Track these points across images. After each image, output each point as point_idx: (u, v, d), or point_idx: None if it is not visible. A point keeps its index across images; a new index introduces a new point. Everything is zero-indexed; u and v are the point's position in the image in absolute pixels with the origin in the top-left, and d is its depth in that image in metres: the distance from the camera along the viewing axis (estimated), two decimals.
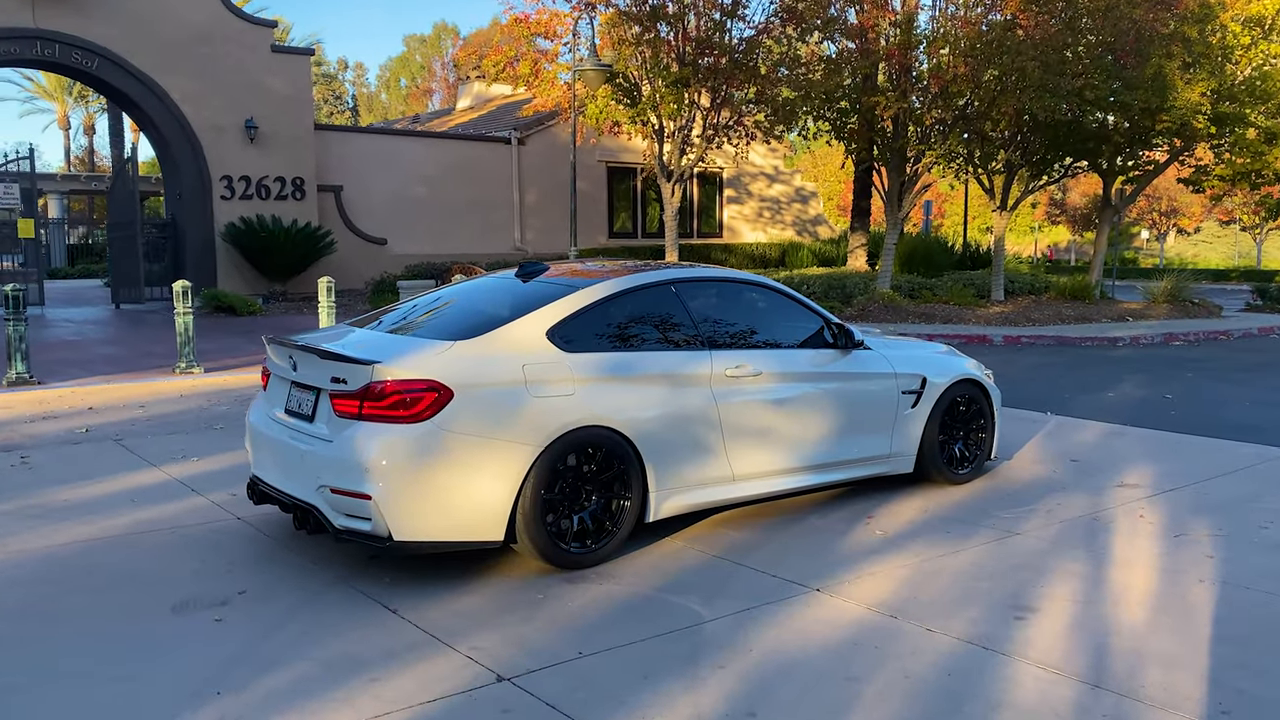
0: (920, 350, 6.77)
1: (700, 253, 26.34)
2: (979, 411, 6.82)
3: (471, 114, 31.00)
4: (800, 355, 5.92)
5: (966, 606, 4.49)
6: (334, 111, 75.24)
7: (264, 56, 18.98)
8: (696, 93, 17.43)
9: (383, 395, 4.53)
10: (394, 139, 23.70)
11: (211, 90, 18.29)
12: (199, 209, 18.55)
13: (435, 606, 4.43)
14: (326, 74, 75.91)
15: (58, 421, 8.63)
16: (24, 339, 10.50)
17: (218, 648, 3.95)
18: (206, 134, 18.36)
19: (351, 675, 3.72)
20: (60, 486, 6.39)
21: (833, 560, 5.12)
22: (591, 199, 25.42)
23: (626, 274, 5.55)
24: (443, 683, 3.67)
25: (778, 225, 30.12)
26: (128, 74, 17.57)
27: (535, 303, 5.19)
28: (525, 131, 23.84)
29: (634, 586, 4.71)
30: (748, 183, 29.40)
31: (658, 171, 18.50)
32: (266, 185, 19.16)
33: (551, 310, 5.10)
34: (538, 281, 5.57)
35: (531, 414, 4.73)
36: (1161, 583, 4.84)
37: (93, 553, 5.09)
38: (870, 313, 19.16)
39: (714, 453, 5.42)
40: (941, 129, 19.21)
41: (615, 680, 3.71)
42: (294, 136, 19.35)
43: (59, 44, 16.92)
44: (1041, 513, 6.06)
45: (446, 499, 4.56)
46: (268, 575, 4.81)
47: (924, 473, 6.58)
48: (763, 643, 4.07)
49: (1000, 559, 5.18)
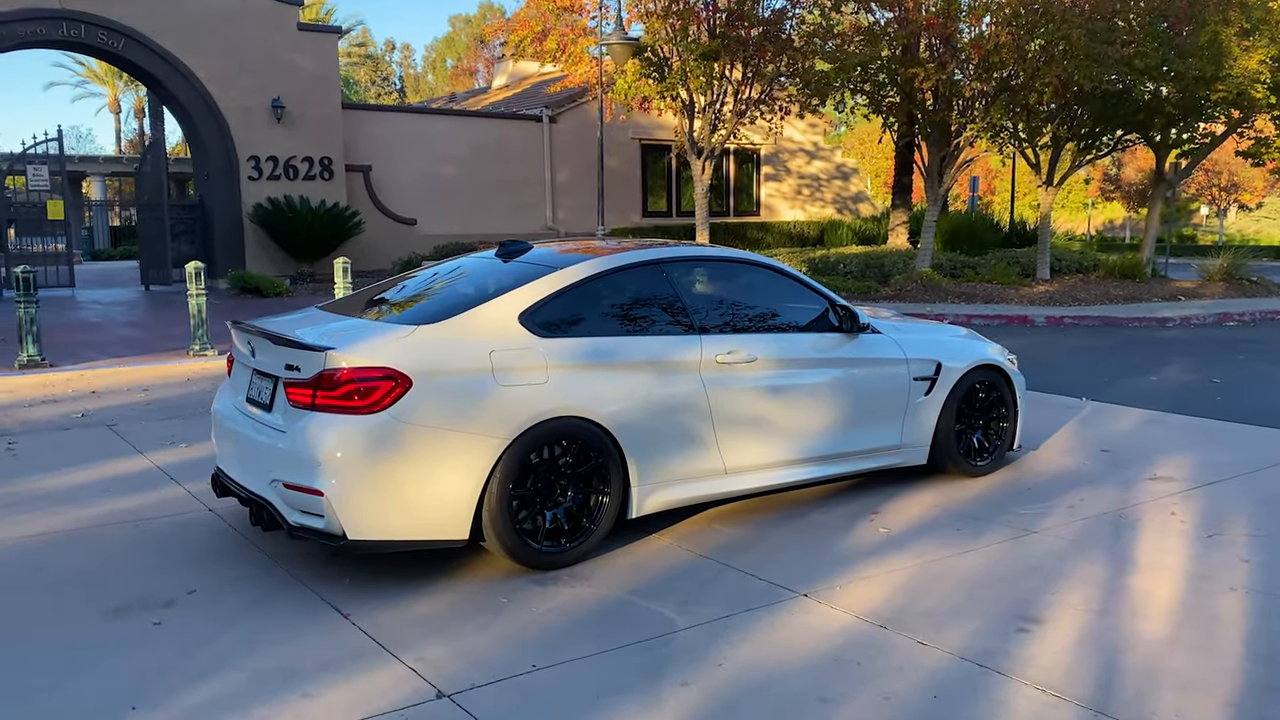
0: (936, 334, 6.34)
1: (736, 231, 25.84)
2: (1000, 399, 6.38)
3: (506, 92, 30.69)
4: (801, 340, 5.53)
5: (967, 616, 4.10)
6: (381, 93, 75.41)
7: (291, 35, 18.81)
8: (726, 66, 16.93)
9: (336, 384, 4.24)
10: (424, 118, 23.47)
11: (238, 69, 18.16)
12: (226, 190, 18.47)
13: (391, 611, 4.14)
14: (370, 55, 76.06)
15: (57, 406, 8.50)
16: (35, 321, 10.41)
17: (148, 656, 3.69)
18: (233, 114, 18.26)
19: (282, 689, 3.44)
20: (38, 475, 6.21)
21: (829, 561, 4.75)
22: (625, 177, 25.01)
23: (610, 254, 5.19)
24: (378, 699, 3.37)
25: (817, 203, 29.47)
26: (154, 54, 17.49)
27: (509, 285, 4.86)
28: (557, 109, 23.48)
29: (608, 590, 4.38)
30: (786, 159, 28.77)
31: (687, 148, 18.05)
32: (294, 165, 19.03)
33: (525, 293, 4.76)
34: (518, 262, 5.23)
35: (498, 404, 4.41)
36: (1187, 590, 4.41)
37: (46, 549, 4.87)
38: (908, 293, 18.59)
39: (704, 444, 5.06)
40: (984, 101, 18.51)
41: (565, 699, 3.39)
42: (322, 116, 19.18)
43: (85, 24, 16.87)
44: (1063, 509, 5.63)
45: (405, 496, 4.26)
46: (223, 573, 4.56)
47: (939, 464, 6.16)
48: (736, 657, 3.73)
49: (1012, 561, 4.77)
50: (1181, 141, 21.86)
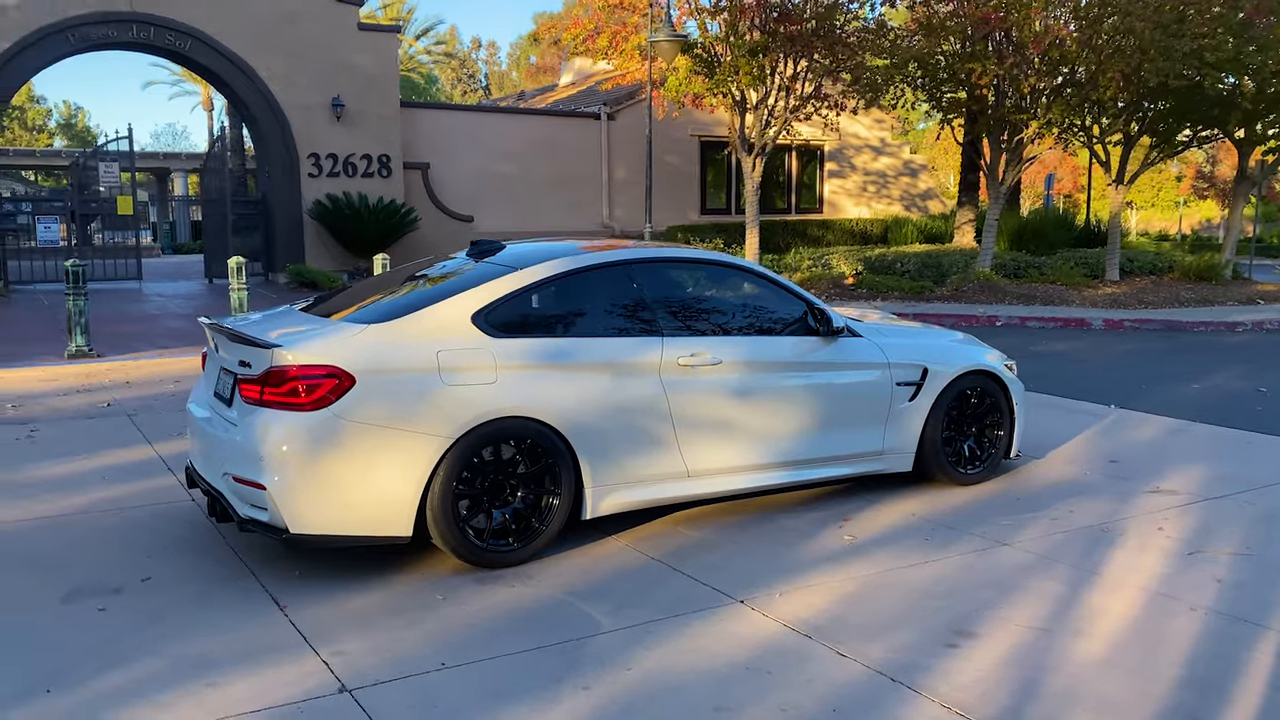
0: (924, 338, 6.20)
1: (795, 229, 25.57)
2: (993, 406, 6.21)
3: (572, 90, 30.87)
4: (772, 343, 5.45)
5: (900, 628, 4.01)
6: (467, 90, 76.37)
7: (351, 34, 19.20)
8: (775, 61, 16.75)
9: (281, 381, 4.33)
10: (482, 116, 23.74)
11: (299, 69, 18.61)
12: (287, 186, 18.96)
13: (327, 604, 4.22)
14: (454, 54, 77.07)
15: (89, 395, 8.84)
16: (83, 313, 10.83)
17: (81, 640, 3.83)
18: (294, 112, 18.72)
19: (193, 677, 3.53)
20: (46, 462, 6.48)
21: (780, 568, 4.69)
22: (683, 174, 24.94)
23: (575, 255, 5.19)
24: (280, 691, 3.45)
25: (883, 200, 28.97)
26: (219, 54, 18.04)
27: (467, 285, 4.90)
28: (615, 106, 23.52)
29: (547, 590, 4.40)
30: (851, 156, 28.35)
31: (738, 145, 17.91)
32: (353, 163, 19.44)
33: (480, 293, 4.80)
34: (486, 262, 5.27)
35: (443, 403, 4.45)
36: (1144, 610, 4.24)
37: (25, 534, 5.08)
38: (964, 293, 18.17)
39: (665, 447, 5.03)
40: (1048, 97, 17.97)
41: (463, 698, 3.41)
42: (380, 114, 19.54)
43: (154, 26, 17.48)
44: (1046, 520, 5.46)
45: (346, 491, 4.33)
46: (182, 563, 4.70)
47: (926, 472, 6.03)
48: (648, 662, 3.71)
49: (970, 574, 4.65)
50: (1265, 137, 20.90)
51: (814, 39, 16.27)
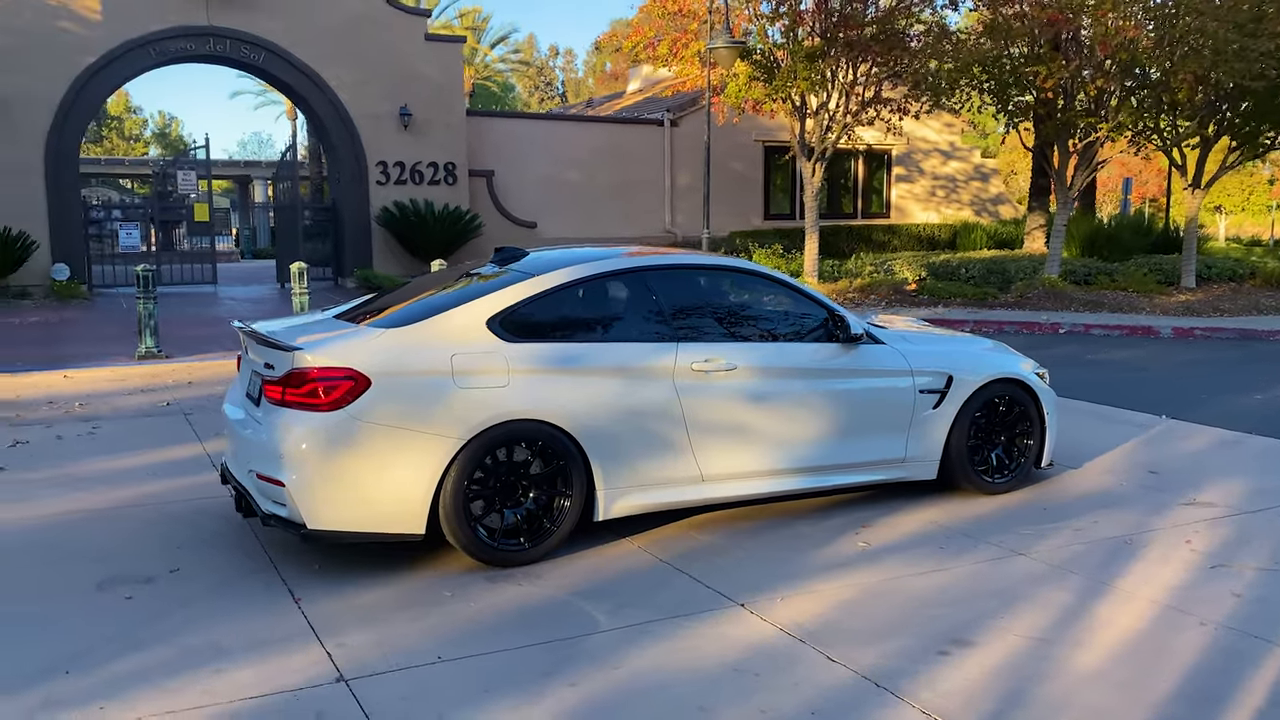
0: (951, 345, 6.15)
1: (860, 234, 25.34)
2: (1023, 414, 6.13)
3: (638, 96, 31.04)
4: (790, 349, 5.48)
5: (895, 635, 4.02)
6: (544, 98, 77.19)
7: (418, 45, 19.64)
8: (834, 66, 16.66)
9: (302, 382, 4.52)
10: (546, 123, 24.03)
11: (367, 79, 19.10)
12: (356, 193, 19.46)
13: (339, 598, 4.38)
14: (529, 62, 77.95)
15: (152, 395, 9.23)
16: (153, 316, 11.30)
17: (105, 626, 4.05)
18: (363, 121, 19.21)
19: (203, 664, 3.72)
20: (102, 458, 6.81)
21: (787, 573, 4.72)
22: (747, 179, 24.92)
23: (592, 262, 5.28)
24: (281, 679, 3.61)
25: (952, 205, 28.53)
26: (291, 65, 18.61)
27: (486, 290, 5.04)
28: (678, 113, 23.61)
29: (552, 589, 4.50)
30: (919, 160, 27.99)
31: (797, 150, 17.85)
32: (420, 170, 19.87)
33: (496, 298, 4.93)
34: (509, 268, 5.40)
35: (455, 405, 4.59)
36: (1152, 623, 4.17)
37: (74, 525, 5.36)
38: (1028, 300, 17.82)
39: (678, 451, 5.10)
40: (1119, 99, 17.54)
41: (451, 691, 3.53)
42: (446, 123, 19.94)
43: (229, 39, 18.13)
44: (1069, 531, 5.38)
45: (361, 489, 4.50)
46: (211, 555, 4.91)
47: (951, 480, 5.98)
48: (639, 661, 3.78)
49: (978, 583, 4.62)
50: None
51: (872, 43, 16.15)
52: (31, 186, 17.02)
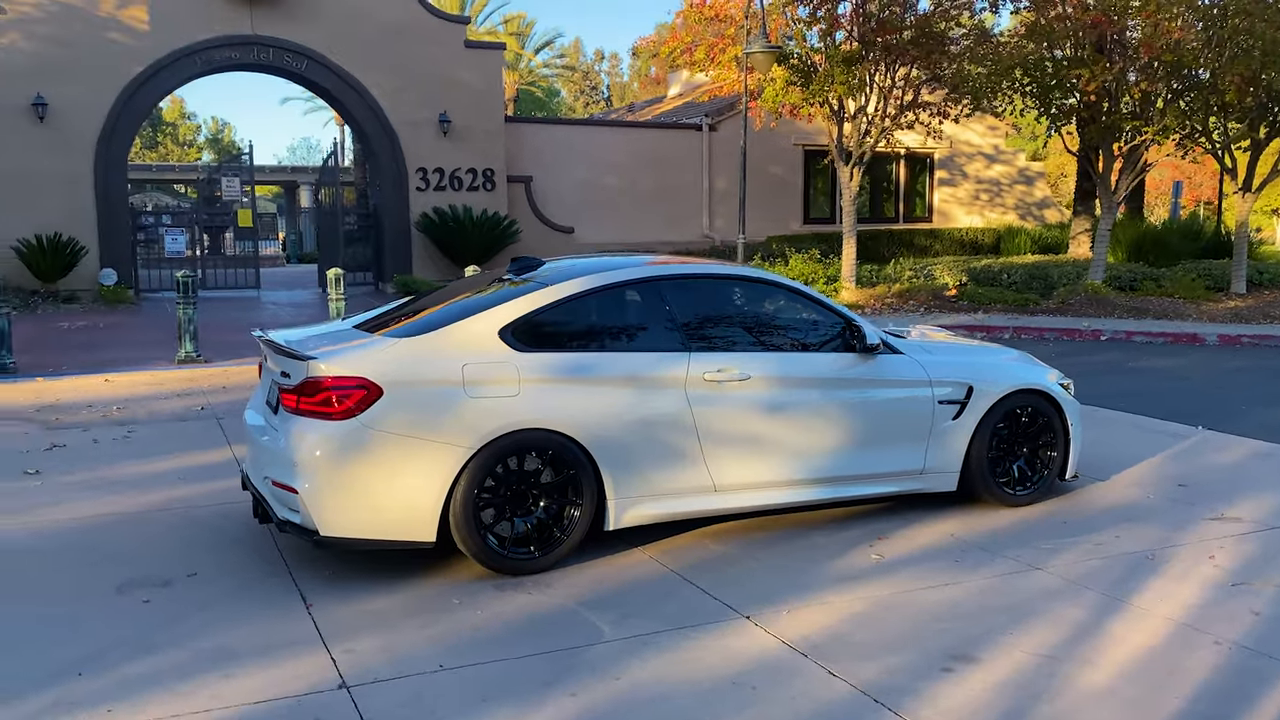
0: (972, 356, 6.09)
1: (902, 238, 25.12)
2: (1046, 426, 6.04)
3: (678, 101, 31.07)
4: (803, 359, 5.47)
5: (900, 650, 3.99)
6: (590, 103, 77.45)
7: (457, 52, 19.84)
8: (871, 70, 16.55)
9: (315, 390, 4.59)
10: (584, 129, 24.16)
11: (407, 86, 19.33)
12: (395, 199, 19.70)
13: (350, 604, 4.44)
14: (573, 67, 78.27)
15: (188, 399, 9.42)
16: (192, 321, 11.52)
17: (121, 629, 4.14)
18: (403, 129, 19.44)
19: (212, 668, 3.79)
20: (134, 461, 6.96)
21: (797, 584, 4.70)
22: (786, 184, 24.82)
23: (605, 272, 5.31)
24: (286, 684, 3.67)
25: (996, 208, 28.18)
26: (332, 73, 18.89)
27: (500, 300, 5.08)
28: (716, 117, 23.60)
29: (559, 598, 4.52)
30: (963, 163, 27.68)
31: (835, 154, 17.75)
32: (459, 177, 20.06)
33: (508, 308, 4.97)
34: (524, 278, 5.44)
35: (466, 414, 4.63)
36: (1165, 641, 4.10)
37: (101, 528, 5.49)
38: (1070, 306, 17.55)
39: (690, 461, 5.10)
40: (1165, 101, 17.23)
41: (450, 700, 3.57)
42: (485, 130, 20.11)
43: (273, 48, 18.45)
44: (1088, 545, 5.30)
45: (372, 497, 4.56)
46: (230, 559, 5.01)
47: (972, 492, 5.92)
48: (640, 673, 3.79)
49: (990, 597, 4.57)
50: None
51: (909, 47, 16.02)
52: (81, 194, 17.45)
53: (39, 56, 16.98)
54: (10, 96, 16.79)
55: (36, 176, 16.96)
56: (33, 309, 16.29)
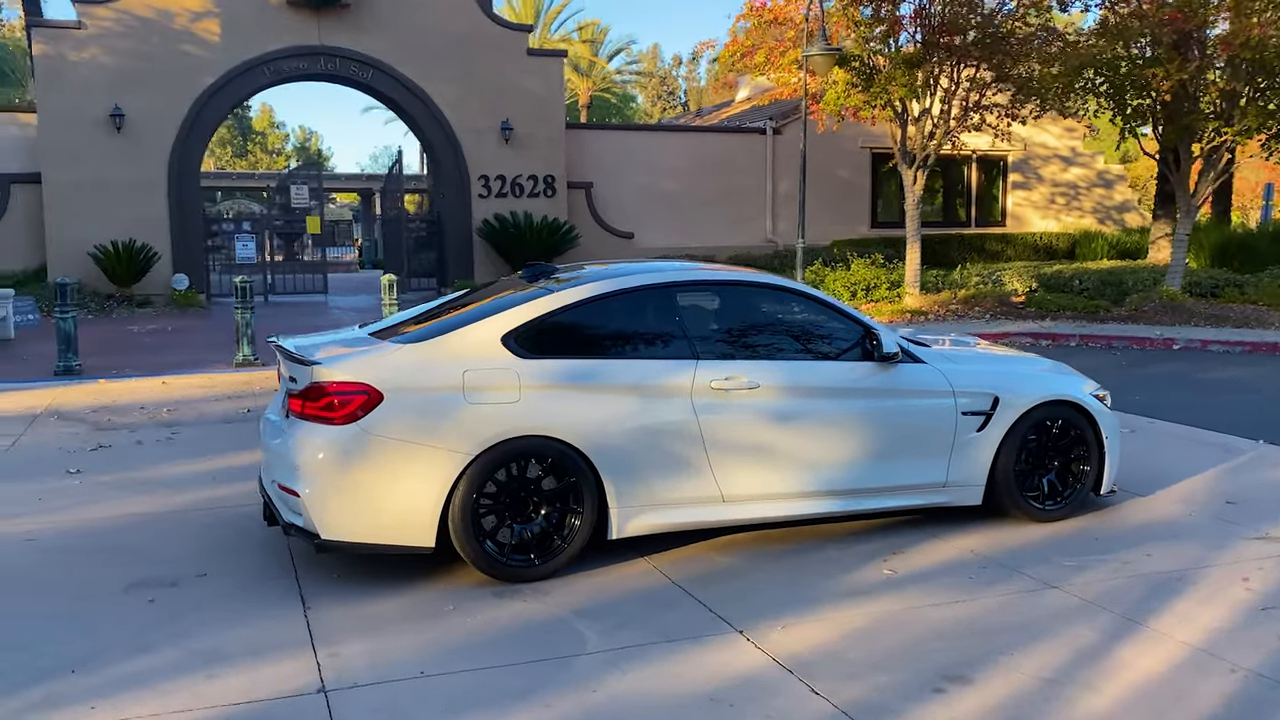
0: (999, 365, 5.90)
1: (972, 243, 24.57)
2: (1079, 439, 5.82)
3: (745, 105, 30.91)
4: (817, 367, 5.35)
5: (892, 669, 3.86)
6: (666, 107, 77.52)
7: (520, 60, 20.03)
8: (933, 71, 16.21)
9: (319, 395, 4.64)
10: (645, 135, 24.19)
11: (470, 94, 19.57)
12: (458, 206, 19.95)
13: (346, 607, 4.47)
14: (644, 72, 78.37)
15: (237, 401, 9.64)
16: (250, 325, 11.82)
17: (121, 627, 4.23)
18: (465, 136, 19.69)
19: (198, 669, 3.84)
20: (173, 463, 7.14)
21: (799, 599, 4.60)
22: (853, 187, 24.49)
23: (614, 278, 5.26)
24: (267, 686, 3.70)
25: (1073, 212, 27.39)
26: (397, 82, 19.24)
27: (507, 306, 5.08)
28: (781, 121, 23.39)
29: (555, 607, 4.49)
30: (1038, 166, 26.97)
31: (898, 157, 17.44)
32: (520, 184, 20.24)
33: (512, 315, 4.96)
34: (536, 284, 5.43)
35: (465, 421, 4.64)
36: (1177, 666, 3.90)
37: (128, 528, 5.63)
38: (1144, 314, 16.93)
39: (696, 471, 5.03)
40: (1247, 100, 16.52)
41: (424, 707, 3.56)
42: (546, 137, 20.26)
43: (339, 58, 18.86)
44: (1115, 564, 5.08)
45: (372, 501, 4.59)
46: (239, 560, 5.09)
47: (999, 506, 5.72)
48: (618, 685, 3.74)
49: (999, 616, 4.40)
50: None
51: (971, 48, 15.65)
52: (155, 201, 18.05)
53: (117, 70, 17.63)
54: (89, 109, 17.46)
55: (113, 185, 17.60)
56: (108, 312, 16.89)
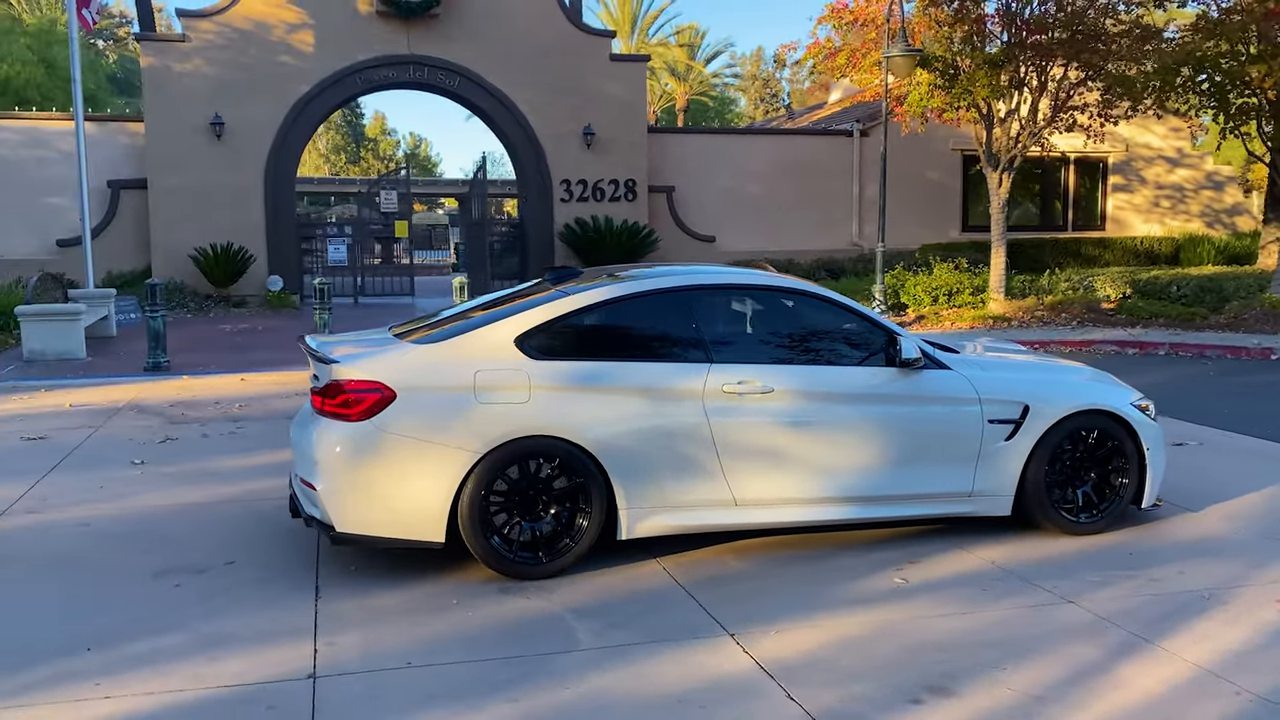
0: (1031, 373, 5.74)
1: (1068, 247, 23.77)
2: (1116, 450, 5.62)
3: (836, 107, 30.56)
4: (834, 372, 5.29)
5: (875, 678, 3.82)
6: (769, 110, 77.16)
7: (603, 65, 20.23)
8: (1017, 71, 15.77)
9: (336, 393, 4.81)
10: (728, 138, 24.09)
11: (554, 100, 19.86)
12: (540, 210, 20.27)
13: (356, 598, 4.63)
14: (751, 74, 78.03)
15: (305, 399, 9.98)
16: (327, 325, 12.25)
17: (140, 611, 4.47)
18: (548, 141, 19.99)
19: (202, 651, 4.03)
20: (229, 456, 7.47)
21: (801, 605, 4.57)
22: (944, 189, 23.97)
23: (630, 282, 5.31)
24: (262, 670, 3.87)
25: (1179, 215, 26.26)
26: (483, 90, 19.65)
27: (524, 309, 5.18)
28: (868, 123, 23.04)
29: (555, 604, 4.56)
30: (1140, 168, 25.94)
31: (983, 159, 17.03)
32: (601, 188, 20.44)
33: (526, 317, 5.06)
34: (557, 287, 5.52)
35: (474, 420, 4.75)
36: (1178, 688, 3.75)
37: (173, 517, 5.92)
38: (1243, 321, 16.16)
39: (707, 474, 5.04)
40: None
41: (400, 696, 3.67)
42: (628, 141, 20.42)
43: (428, 67, 19.37)
44: (1141, 580, 4.91)
45: (384, 496, 4.73)
46: (270, 550, 5.31)
47: (1029, 517, 5.58)
48: (593, 684, 3.78)
49: (1003, 629, 4.30)
50: None
51: (1056, 47, 15.19)
52: (251, 205, 18.83)
53: (218, 80, 18.46)
54: (192, 117, 18.32)
55: (213, 190, 18.42)
56: (205, 311, 17.69)
